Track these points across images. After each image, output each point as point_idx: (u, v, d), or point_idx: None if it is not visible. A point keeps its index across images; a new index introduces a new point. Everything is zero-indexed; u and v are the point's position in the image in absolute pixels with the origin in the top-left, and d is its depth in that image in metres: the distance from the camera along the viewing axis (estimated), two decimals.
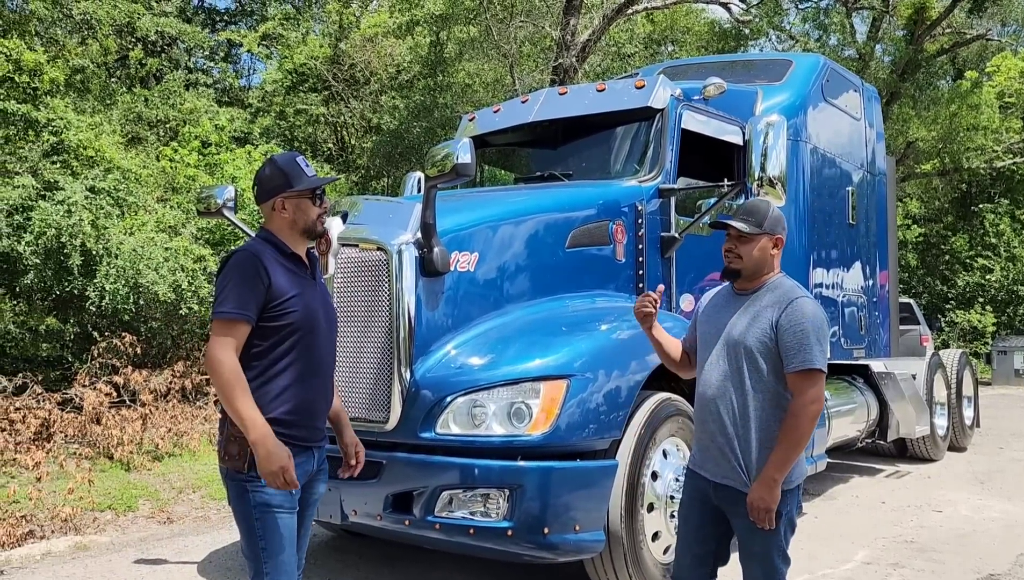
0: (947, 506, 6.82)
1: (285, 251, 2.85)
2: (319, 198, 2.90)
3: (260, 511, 2.74)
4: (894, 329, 8.52)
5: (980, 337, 22.17)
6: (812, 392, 2.87)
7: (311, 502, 3.00)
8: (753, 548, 2.98)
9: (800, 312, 2.91)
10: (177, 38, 17.75)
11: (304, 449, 2.85)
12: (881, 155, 8.20)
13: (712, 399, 3.02)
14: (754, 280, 3.07)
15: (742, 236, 3.04)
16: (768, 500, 2.85)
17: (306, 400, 2.82)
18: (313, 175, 2.89)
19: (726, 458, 2.99)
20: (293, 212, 2.86)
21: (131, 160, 10.86)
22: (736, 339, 2.99)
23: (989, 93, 22.44)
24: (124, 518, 6.57)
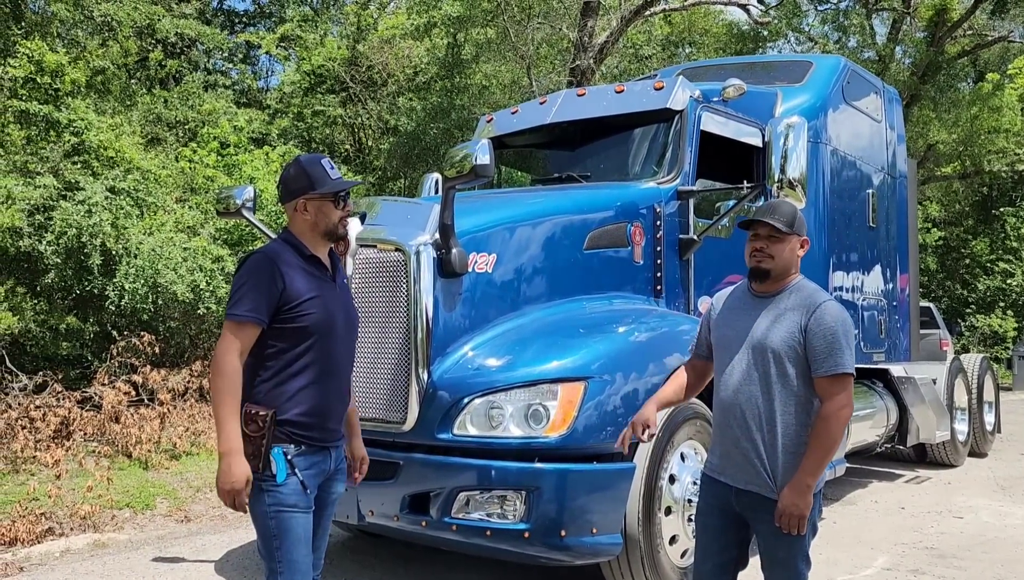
0: (968, 512, 6.74)
1: (304, 253, 2.85)
2: (342, 201, 2.89)
3: (275, 511, 2.74)
4: (914, 333, 8.44)
5: (1001, 342, 21.93)
6: (842, 396, 2.84)
7: (329, 502, 3.00)
8: (777, 554, 2.95)
9: (829, 316, 2.88)
10: (196, 40, 17.87)
11: (320, 449, 2.85)
12: (902, 158, 8.13)
13: (736, 403, 2.97)
14: (778, 282, 3.03)
15: (774, 235, 2.98)
16: (802, 506, 2.82)
17: (321, 402, 2.82)
18: (338, 178, 2.89)
19: (751, 463, 2.94)
20: (315, 214, 2.86)
21: (150, 161, 10.93)
22: (761, 342, 2.94)
23: (1011, 95, 22.18)
24: (142, 516, 6.61)
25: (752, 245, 3.03)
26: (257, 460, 2.72)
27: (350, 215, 2.99)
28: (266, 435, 2.72)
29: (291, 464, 2.76)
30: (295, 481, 2.76)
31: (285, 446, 2.76)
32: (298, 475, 2.76)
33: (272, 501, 2.74)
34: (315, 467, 2.82)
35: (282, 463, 2.74)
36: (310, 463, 2.81)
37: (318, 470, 2.84)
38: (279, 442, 2.75)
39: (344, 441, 3.01)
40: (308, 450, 2.80)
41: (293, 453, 2.77)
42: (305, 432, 2.79)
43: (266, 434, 2.72)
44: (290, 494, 2.75)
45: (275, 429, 2.74)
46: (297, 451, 2.78)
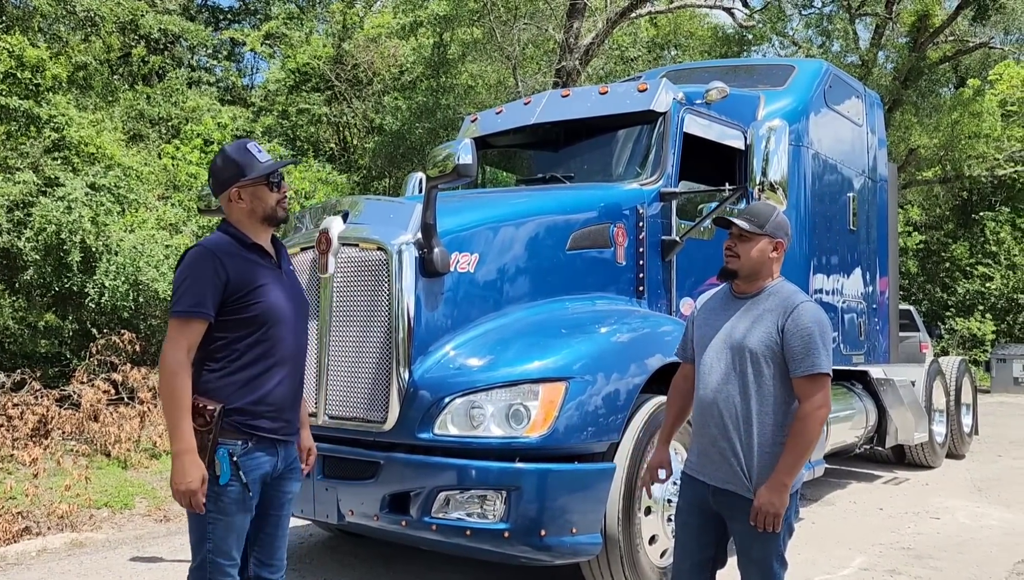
0: (945, 513, 6.81)
1: (246, 242, 2.81)
2: (276, 184, 2.84)
3: (213, 516, 2.71)
4: (894, 335, 8.51)
5: (979, 345, 22.16)
6: (819, 396, 2.87)
7: (284, 502, 2.95)
8: (752, 553, 2.97)
9: (806, 317, 2.91)
10: (180, 36, 17.74)
11: (268, 442, 2.80)
12: (883, 161, 8.20)
13: (714, 403, 3.00)
14: (752, 282, 3.06)
15: (743, 235, 3.03)
16: (778, 505, 2.84)
17: (272, 391, 2.78)
18: (267, 160, 2.84)
19: (728, 462, 2.97)
20: (250, 201, 2.82)
21: (132, 157, 10.86)
22: (739, 343, 2.97)
23: (991, 101, 22.43)
24: (121, 515, 6.56)
25: (725, 243, 3.10)
26: (204, 455, 2.68)
27: (286, 197, 2.90)
28: (213, 430, 2.67)
29: (236, 465, 2.71)
30: (238, 486, 2.72)
31: (232, 444, 2.71)
32: (242, 478, 2.71)
33: (212, 506, 2.70)
34: (262, 467, 2.78)
35: (226, 464, 2.70)
36: (257, 462, 2.76)
37: (265, 470, 2.80)
38: (228, 436, 2.71)
39: (295, 437, 2.96)
40: (257, 445, 2.75)
41: (240, 452, 2.72)
42: (255, 422, 2.75)
43: (213, 429, 2.67)
44: (231, 500, 2.71)
45: (224, 421, 2.70)
46: (244, 448, 2.73)
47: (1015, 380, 18.76)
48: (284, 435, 2.87)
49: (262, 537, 2.92)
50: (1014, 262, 23.26)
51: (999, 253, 23.67)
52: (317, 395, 4.27)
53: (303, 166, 14.34)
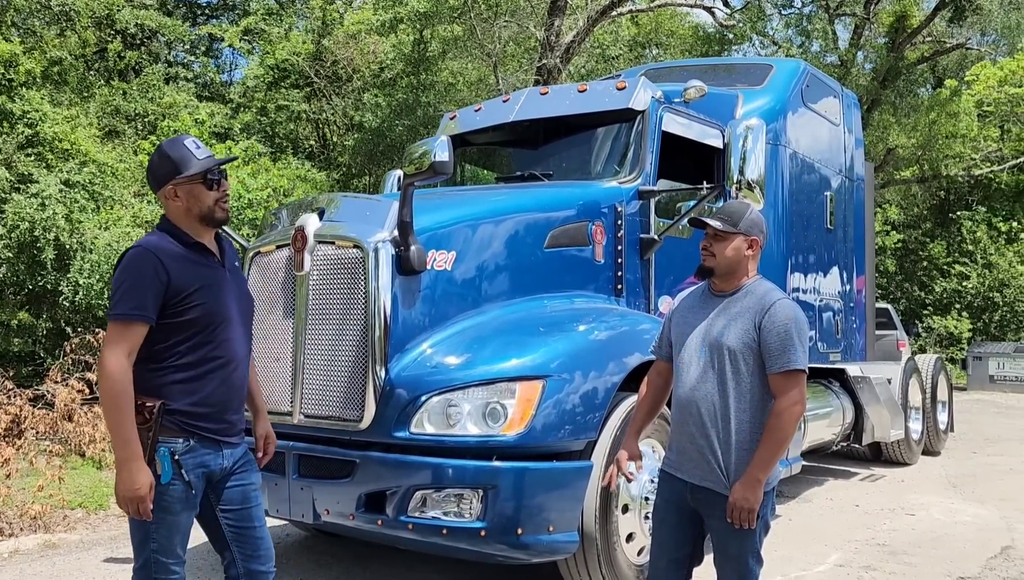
0: (920, 509, 6.88)
1: (186, 241, 2.74)
2: (215, 182, 2.76)
3: (157, 510, 2.66)
4: (870, 333, 8.58)
5: (956, 343, 22.41)
6: (795, 393, 2.88)
7: (249, 494, 2.90)
8: (729, 550, 2.99)
9: (783, 314, 2.92)
10: (157, 31, 17.59)
11: (212, 441, 2.76)
12: (860, 161, 8.26)
13: (692, 400, 3.01)
14: (729, 280, 3.07)
15: (717, 234, 3.05)
16: (752, 501, 2.85)
17: (216, 393, 2.73)
18: (206, 157, 2.76)
19: (705, 460, 2.98)
20: (186, 199, 2.74)
21: (108, 154, 10.75)
22: (717, 340, 2.99)
23: (968, 102, 22.67)
24: (95, 516, 6.49)
25: (701, 242, 3.12)
26: (144, 453, 2.63)
27: (226, 197, 2.81)
28: (153, 428, 2.62)
29: (178, 464, 2.66)
30: (180, 484, 2.67)
31: (173, 442, 2.67)
32: (184, 476, 2.67)
33: (154, 504, 2.65)
34: (205, 465, 2.74)
35: (168, 463, 2.65)
36: (199, 460, 2.72)
37: (208, 468, 2.76)
38: (169, 434, 2.66)
39: (242, 436, 2.90)
40: (199, 444, 2.71)
41: (181, 450, 2.68)
42: (197, 422, 2.70)
43: (153, 427, 2.62)
44: (174, 499, 2.67)
45: (164, 419, 2.65)
46: (186, 447, 2.69)
47: (991, 378, 19.00)
48: (228, 436, 2.81)
49: (239, 533, 2.88)
50: (990, 261, 23.53)
51: (975, 252, 23.95)
52: (292, 394, 4.24)
53: (282, 163, 14.26)
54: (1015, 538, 6.00)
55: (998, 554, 5.60)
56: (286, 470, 4.21)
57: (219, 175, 2.78)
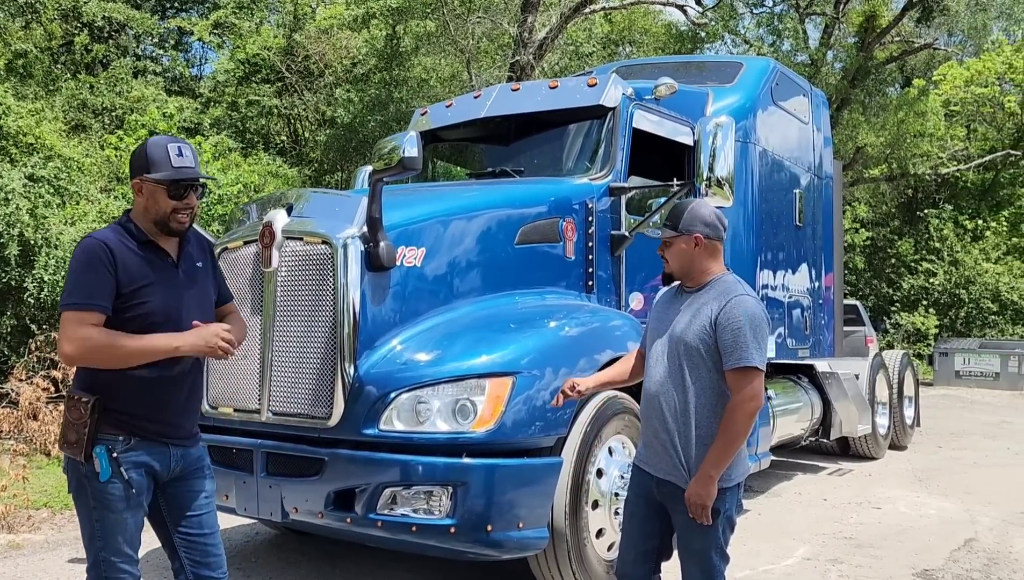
0: (886, 503, 6.97)
1: (140, 238, 2.71)
2: (182, 193, 2.71)
3: (98, 512, 2.64)
4: (838, 330, 8.68)
5: (923, 339, 22.76)
6: (748, 390, 2.89)
7: (197, 502, 2.85)
8: (692, 544, 3.01)
9: (738, 310, 2.93)
10: (125, 24, 17.33)
11: (156, 442, 2.71)
12: (828, 159, 8.34)
13: (656, 395, 3.06)
14: (692, 278, 3.11)
15: (667, 241, 3.14)
16: (704, 496, 2.87)
17: (158, 393, 2.69)
18: (184, 167, 2.71)
19: (668, 454, 3.02)
20: (147, 199, 2.72)
21: (74, 148, 10.58)
22: (678, 336, 3.03)
23: (935, 101, 23.04)
24: (60, 516, 6.38)
25: (657, 250, 3.25)
26: (80, 450, 2.60)
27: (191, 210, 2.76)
28: (88, 424, 2.59)
29: (116, 461, 2.62)
30: (120, 483, 2.63)
31: (112, 439, 2.63)
32: (124, 474, 2.62)
33: (96, 503, 2.62)
34: (147, 465, 2.69)
35: (105, 461, 2.61)
36: (141, 459, 2.67)
37: (153, 468, 2.71)
38: (108, 431, 2.63)
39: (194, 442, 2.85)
40: (141, 443, 2.67)
41: (120, 448, 2.64)
42: (135, 421, 2.66)
43: (88, 422, 2.59)
44: (114, 497, 2.63)
45: (103, 416, 2.61)
46: (126, 445, 2.65)
47: (957, 373, 19.32)
48: (176, 438, 2.77)
49: (188, 540, 2.84)
50: (956, 258, 23.93)
51: (942, 250, 24.33)
52: (260, 391, 4.20)
53: (253, 159, 14.13)
54: (978, 531, 6.11)
55: (961, 546, 5.70)
56: (254, 468, 4.17)
57: (188, 190, 2.74)
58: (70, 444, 2.64)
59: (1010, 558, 5.44)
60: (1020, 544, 5.77)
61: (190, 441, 2.83)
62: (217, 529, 2.93)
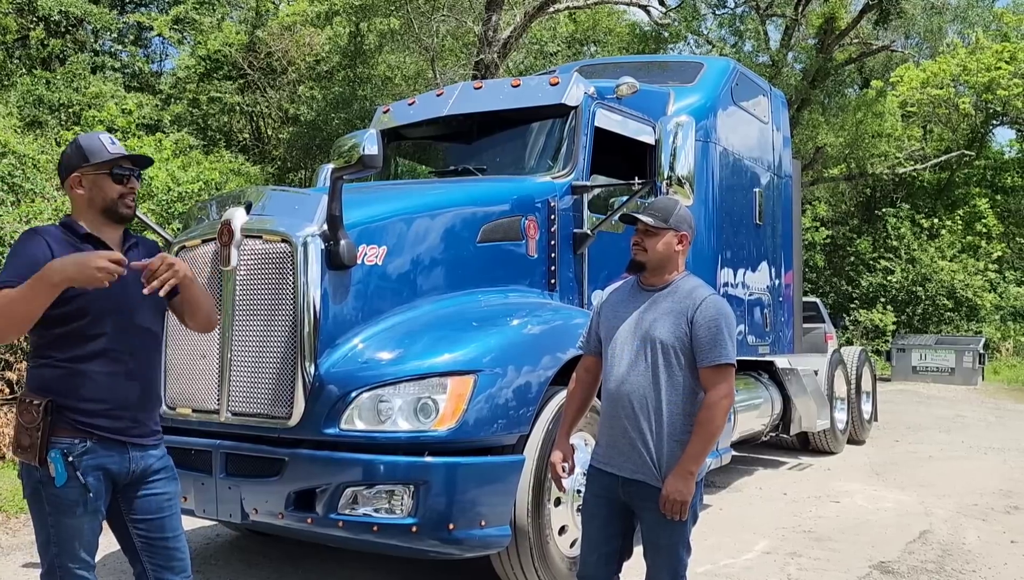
0: (844, 497, 7.10)
1: (79, 232, 2.67)
2: (124, 177, 2.70)
3: (54, 518, 2.59)
4: (798, 327, 8.81)
5: (881, 335, 23.18)
6: (725, 386, 2.95)
7: (163, 505, 2.77)
8: (660, 541, 3.03)
9: (714, 309, 2.99)
10: (83, 19, 17.00)
11: (113, 442, 2.65)
12: (787, 159, 8.47)
13: (625, 395, 3.04)
14: (659, 274, 3.12)
15: (648, 230, 3.10)
16: (685, 493, 2.90)
17: (108, 388, 2.62)
18: (120, 153, 2.71)
19: (637, 452, 3.01)
20: (90, 189, 2.69)
21: (29, 145, 10.35)
22: (649, 334, 3.03)
23: (892, 102, 23.49)
24: (16, 520, 6.25)
25: (632, 238, 3.17)
26: (34, 454, 2.54)
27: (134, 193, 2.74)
28: (41, 426, 2.53)
29: (72, 465, 2.56)
30: (76, 487, 2.57)
31: (67, 442, 2.57)
32: (80, 478, 2.56)
33: (51, 509, 2.57)
34: (105, 467, 2.63)
35: (60, 465, 2.54)
36: (98, 462, 2.61)
37: (111, 470, 2.65)
38: (63, 434, 2.57)
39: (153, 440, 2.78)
40: (98, 445, 2.61)
41: (77, 451, 2.58)
42: (90, 420, 2.60)
43: (41, 425, 2.53)
44: (70, 502, 2.57)
45: (55, 418, 2.56)
46: (82, 447, 2.59)
47: (913, 369, 19.68)
48: (134, 437, 2.70)
49: (150, 544, 2.78)
50: (913, 256, 24.40)
51: (900, 248, 24.80)
52: (220, 391, 4.15)
53: (214, 156, 13.94)
54: (933, 523, 6.25)
55: (917, 538, 5.82)
56: (213, 469, 4.12)
57: (128, 171, 2.72)
58: (23, 449, 2.58)
59: (963, 550, 5.57)
60: (972, 536, 5.91)
61: (150, 439, 2.77)
62: (181, 532, 2.87)
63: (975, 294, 23.41)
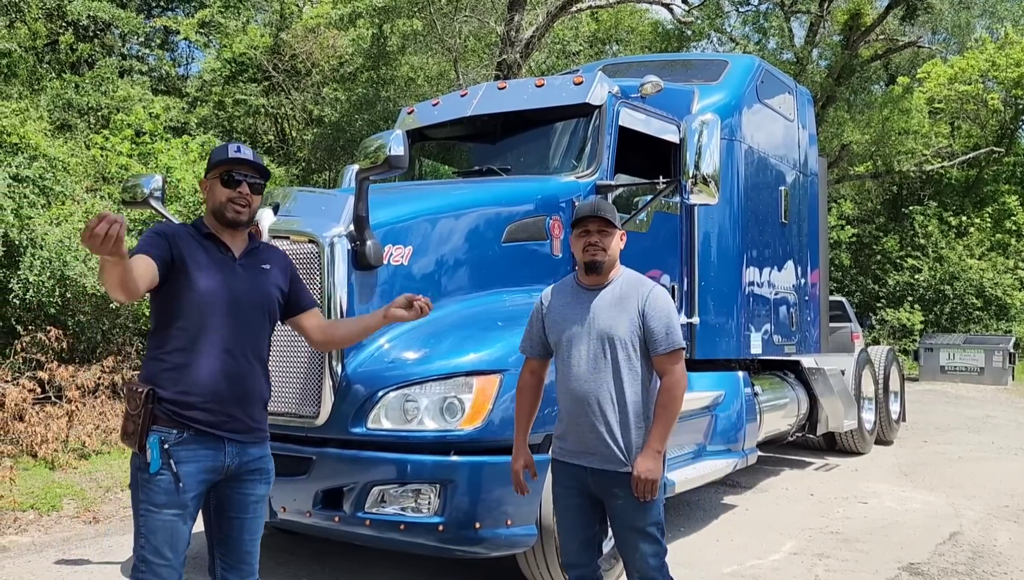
0: (872, 498, 7.03)
1: (202, 231, 2.82)
2: (234, 182, 2.80)
3: (144, 507, 2.66)
4: (824, 326, 8.73)
5: (909, 334, 22.92)
6: (680, 368, 3.14)
7: (247, 504, 2.83)
8: (638, 523, 3.13)
9: (662, 299, 3.17)
10: (111, 23, 17.21)
11: (210, 436, 2.71)
12: (813, 156, 8.38)
13: (588, 391, 3.15)
14: (607, 273, 3.23)
15: (604, 231, 3.20)
16: (654, 471, 3.04)
17: (208, 381, 2.69)
18: (235, 158, 2.81)
19: (605, 444, 3.12)
20: (208, 193, 2.85)
21: (59, 148, 10.49)
22: (607, 331, 3.14)
23: (919, 99, 23.21)
24: (48, 518, 6.35)
25: (585, 240, 3.21)
26: (135, 441, 2.63)
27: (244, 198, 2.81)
28: (142, 414, 2.62)
29: (167, 454, 2.63)
30: (168, 476, 2.63)
31: (166, 432, 2.65)
32: (173, 468, 2.63)
33: (143, 496, 2.65)
34: (199, 460, 2.68)
35: (156, 452, 2.62)
36: (193, 454, 2.67)
37: (204, 464, 2.70)
38: (162, 424, 2.65)
39: (256, 436, 2.84)
40: (193, 438, 2.67)
41: (173, 440, 2.65)
42: (186, 412, 2.67)
43: (142, 412, 2.62)
44: (161, 490, 2.64)
45: (156, 408, 2.64)
46: (179, 438, 2.66)
47: (942, 368, 19.45)
48: (230, 432, 2.74)
49: (225, 539, 2.84)
50: (941, 254, 24.10)
51: (927, 246, 24.51)
52: None
53: None
54: (963, 524, 6.17)
55: (946, 540, 5.76)
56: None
57: (241, 177, 2.81)
58: (127, 435, 2.70)
59: (994, 551, 5.50)
60: (1004, 537, 5.83)
61: (248, 436, 2.81)
62: (258, 536, 2.91)
63: (1004, 293, 23.08)
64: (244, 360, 2.79)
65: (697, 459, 5.67)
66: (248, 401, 2.82)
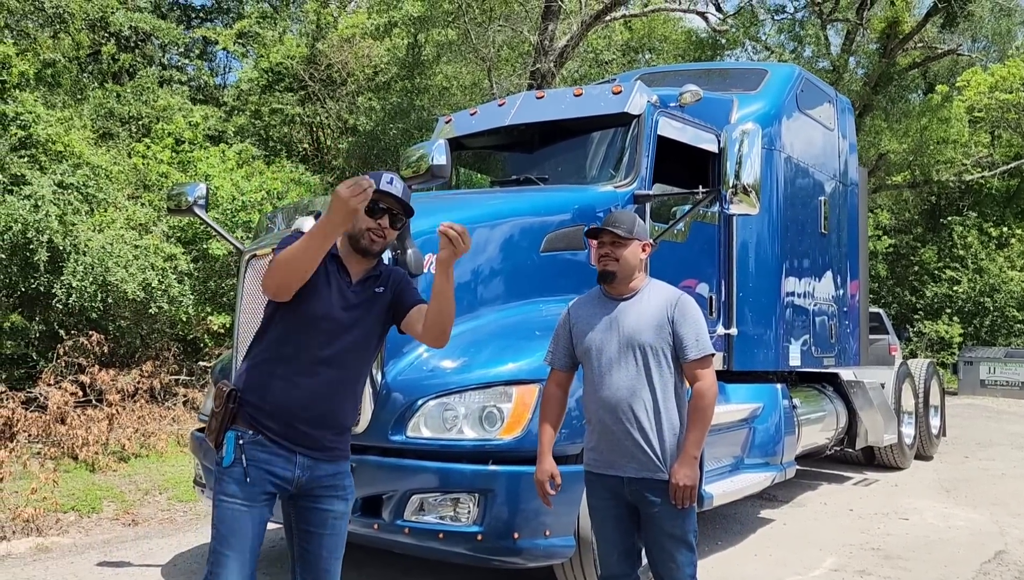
0: (913, 514, 6.90)
1: (332, 252, 2.82)
2: (378, 212, 2.80)
3: (218, 498, 2.73)
4: (864, 338, 8.60)
5: (947, 347, 22.53)
6: (711, 373, 3.17)
7: (323, 519, 2.83)
8: (675, 531, 3.14)
9: (690, 306, 3.20)
10: (151, 34, 17.55)
11: (281, 446, 2.74)
12: (853, 166, 8.28)
13: (622, 401, 3.16)
14: (628, 282, 3.26)
15: (617, 241, 3.23)
16: (692, 477, 3.06)
17: (283, 399, 2.73)
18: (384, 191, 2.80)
19: (643, 452, 3.13)
20: None
21: (101, 156, 10.71)
22: (636, 340, 3.16)
23: (959, 107, 22.83)
24: (88, 520, 6.45)
25: (599, 251, 3.29)
26: (214, 437, 2.74)
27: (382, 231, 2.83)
28: (223, 410, 2.72)
29: (240, 449, 2.70)
30: (240, 469, 2.69)
31: (242, 431, 2.73)
32: (243, 462, 2.69)
33: (218, 489, 2.72)
34: (270, 463, 2.72)
35: (231, 446, 2.71)
36: (264, 456, 2.71)
37: (274, 468, 2.72)
38: (240, 423, 2.74)
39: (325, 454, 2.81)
40: (266, 441, 2.72)
41: (247, 439, 2.72)
42: (262, 419, 2.73)
43: (223, 408, 2.72)
44: (232, 481, 2.71)
45: (238, 408, 2.74)
46: (252, 437, 2.72)
47: (982, 382, 19.09)
48: (302, 446, 2.76)
49: (304, 554, 2.87)
50: (981, 266, 23.68)
51: (966, 257, 24.09)
52: None
53: (276, 166, 14.24)
54: (1008, 543, 6.03)
55: (992, 559, 5.62)
56: None
57: (385, 209, 2.82)
58: (210, 430, 2.79)
59: None
60: None
61: (321, 454, 2.81)
62: (338, 553, 2.91)
63: None
64: (327, 386, 2.79)
65: (735, 472, 5.61)
66: (323, 424, 2.81)
